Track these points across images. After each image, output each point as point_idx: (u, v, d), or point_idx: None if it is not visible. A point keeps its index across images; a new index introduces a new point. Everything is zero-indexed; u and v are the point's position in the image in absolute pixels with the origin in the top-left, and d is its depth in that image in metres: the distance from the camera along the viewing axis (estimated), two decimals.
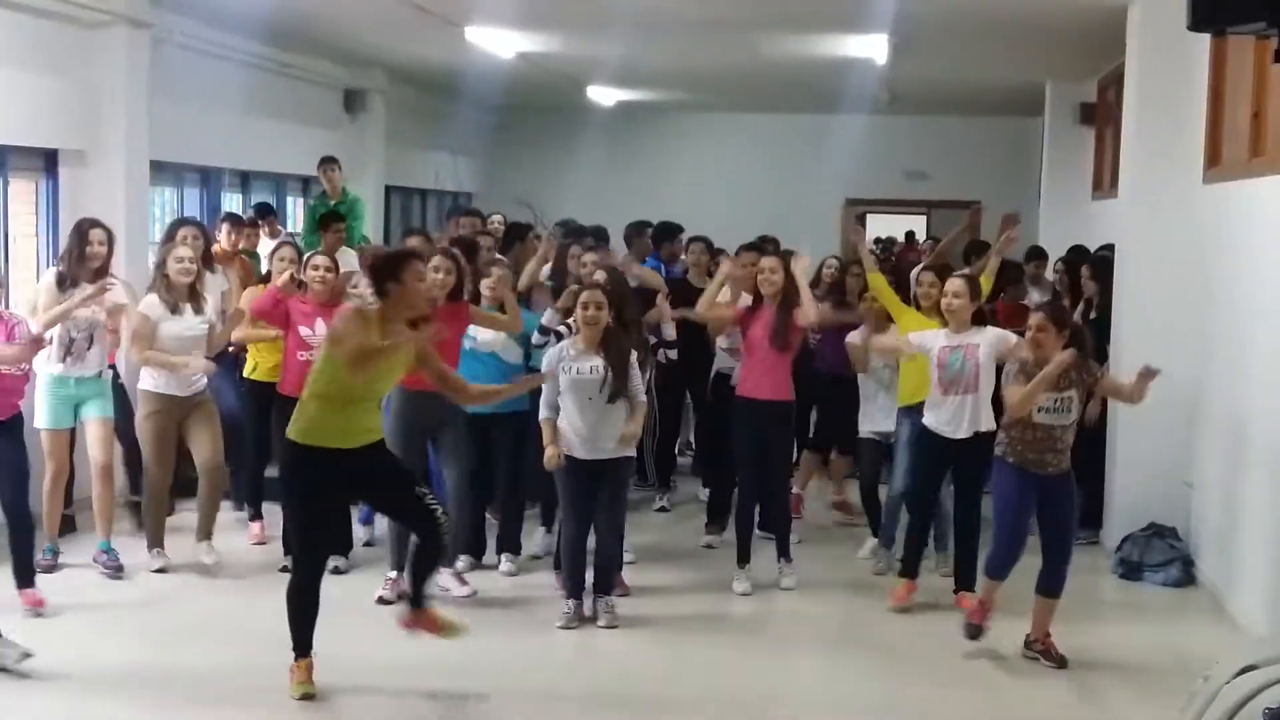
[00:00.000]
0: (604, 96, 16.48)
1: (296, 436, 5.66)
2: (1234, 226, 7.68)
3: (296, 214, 13.27)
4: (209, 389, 7.69)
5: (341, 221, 9.92)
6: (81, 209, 8.44)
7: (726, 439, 7.93)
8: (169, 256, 7.48)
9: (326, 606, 5.89)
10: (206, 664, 6.21)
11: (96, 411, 7.54)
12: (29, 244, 8.98)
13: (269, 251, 8.79)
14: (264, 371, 8.06)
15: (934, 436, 7.15)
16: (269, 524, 8.19)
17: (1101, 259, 9.37)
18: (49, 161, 8.95)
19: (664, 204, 13.83)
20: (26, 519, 6.67)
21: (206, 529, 7.67)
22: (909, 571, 7.38)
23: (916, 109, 17.05)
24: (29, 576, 6.75)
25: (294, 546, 6.30)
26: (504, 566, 7.77)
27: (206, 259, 8.05)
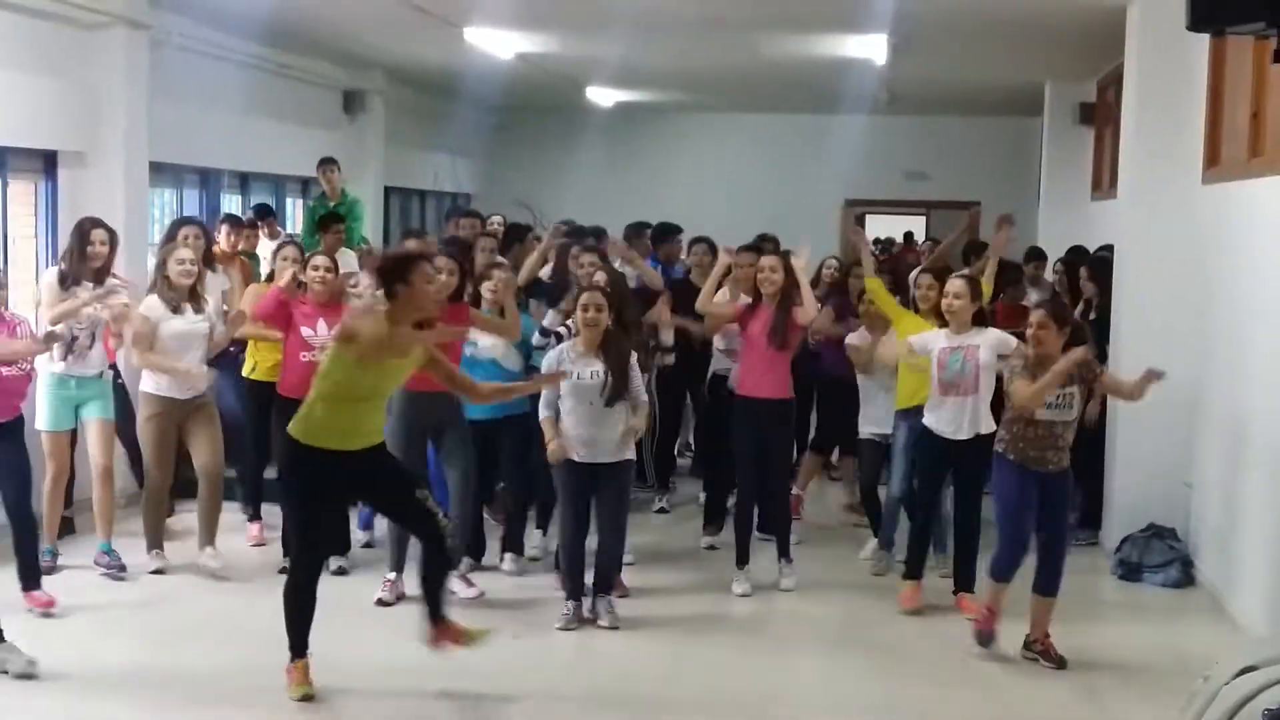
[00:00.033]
0: (603, 97, 16.47)
1: (299, 435, 5.64)
2: (1233, 227, 7.68)
3: (296, 215, 13.27)
4: (209, 389, 7.68)
5: (341, 222, 9.93)
6: (81, 210, 8.42)
7: (723, 440, 7.93)
8: (170, 258, 7.47)
9: (326, 607, 5.88)
10: (206, 664, 6.22)
11: (97, 413, 7.53)
12: (28, 245, 8.98)
13: (271, 252, 8.78)
14: (264, 371, 8.05)
15: (934, 437, 7.14)
16: (268, 525, 8.19)
17: (1100, 260, 9.38)
18: (48, 163, 8.94)
19: (663, 204, 13.84)
20: (30, 521, 6.66)
21: (209, 536, 7.63)
22: (913, 573, 7.36)
23: (916, 109, 17.04)
24: (35, 578, 6.75)
25: (292, 546, 6.30)
26: (508, 566, 7.77)
27: (208, 258, 8.04)
